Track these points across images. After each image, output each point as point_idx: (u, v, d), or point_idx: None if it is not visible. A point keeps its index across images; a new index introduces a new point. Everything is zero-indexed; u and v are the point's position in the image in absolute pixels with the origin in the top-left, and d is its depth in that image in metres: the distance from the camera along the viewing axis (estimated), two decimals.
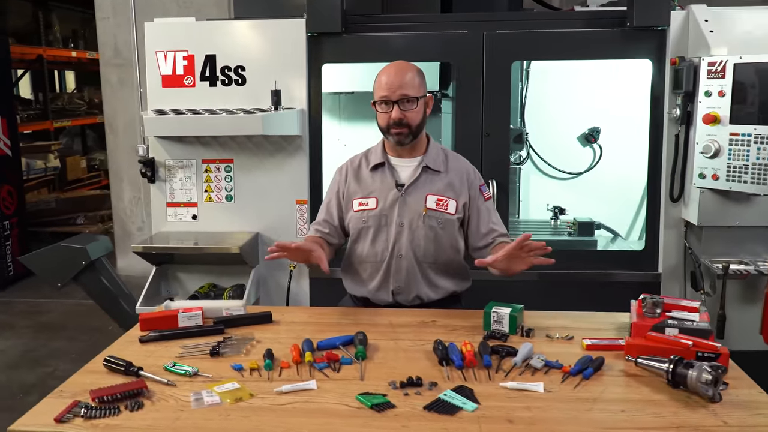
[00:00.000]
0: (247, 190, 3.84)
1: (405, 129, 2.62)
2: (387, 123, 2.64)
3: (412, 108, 2.61)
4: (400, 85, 2.59)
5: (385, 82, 2.62)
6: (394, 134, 2.64)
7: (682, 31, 3.59)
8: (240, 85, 3.78)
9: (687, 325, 2.16)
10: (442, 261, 2.70)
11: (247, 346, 2.21)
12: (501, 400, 1.87)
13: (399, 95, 2.59)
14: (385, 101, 2.62)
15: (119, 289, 4.05)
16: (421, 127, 2.67)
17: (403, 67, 2.66)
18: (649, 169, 3.78)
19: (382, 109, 2.64)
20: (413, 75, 2.64)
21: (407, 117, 2.60)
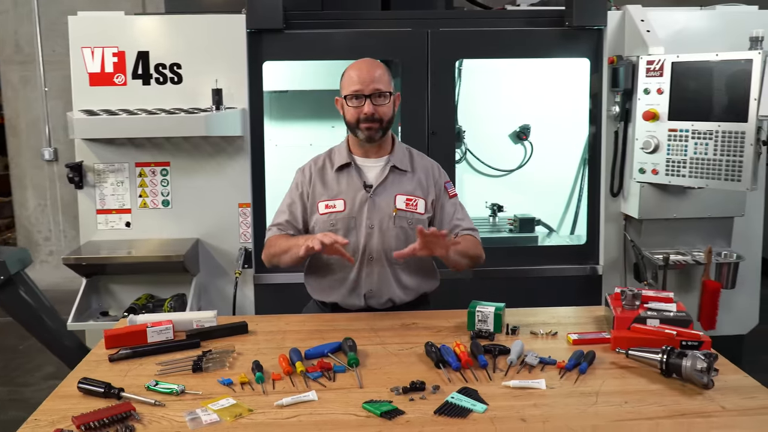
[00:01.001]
0: (186, 194, 3.66)
1: (376, 124, 2.56)
2: (357, 118, 2.56)
3: (384, 103, 2.55)
4: (373, 79, 2.53)
5: (357, 77, 2.55)
6: (365, 129, 2.57)
7: (618, 31, 3.70)
8: (176, 83, 3.60)
9: (666, 315, 2.20)
10: (412, 262, 2.65)
11: (230, 359, 2.08)
12: (507, 399, 1.84)
13: (372, 89, 2.52)
14: (357, 96, 2.54)
15: (41, 303, 3.75)
16: (391, 123, 2.62)
17: (374, 62, 2.60)
18: (589, 165, 3.88)
19: (353, 104, 2.56)
20: (383, 71, 2.58)
21: (379, 112, 2.54)
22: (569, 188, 4.63)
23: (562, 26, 3.74)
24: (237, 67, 3.61)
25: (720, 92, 3.30)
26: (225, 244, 3.71)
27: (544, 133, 4.57)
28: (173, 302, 3.52)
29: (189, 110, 3.47)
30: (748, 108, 3.18)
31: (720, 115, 3.29)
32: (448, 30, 3.73)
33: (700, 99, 3.38)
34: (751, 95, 3.17)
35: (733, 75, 3.23)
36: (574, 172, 4.59)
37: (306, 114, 4.75)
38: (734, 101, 3.24)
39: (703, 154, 3.35)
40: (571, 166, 4.59)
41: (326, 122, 4.87)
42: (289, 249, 2.55)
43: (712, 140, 3.32)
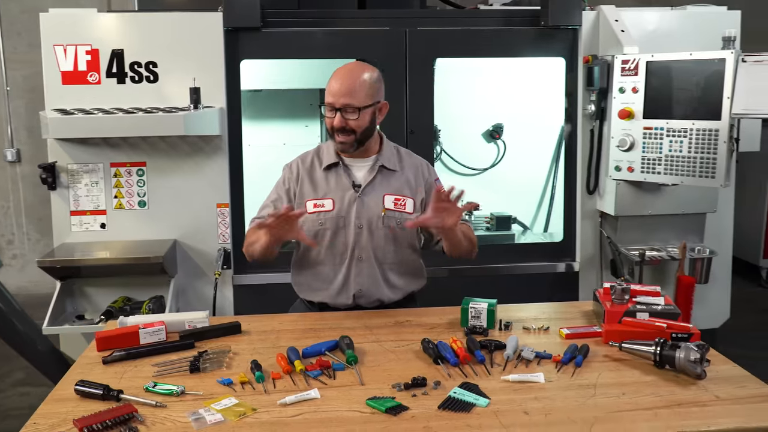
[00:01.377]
0: (163, 194, 3.61)
1: (349, 136, 2.52)
2: (331, 128, 2.55)
3: (353, 118, 2.50)
4: (346, 92, 2.47)
5: (333, 86, 2.50)
6: (338, 141, 2.54)
7: (592, 31, 3.76)
8: (152, 82, 3.54)
9: (655, 308, 2.24)
10: (401, 261, 2.65)
11: (226, 359, 2.05)
12: (508, 393, 1.86)
13: (342, 104, 2.48)
14: (331, 107, 2.52)
15: (11, 307, 3.66)
16: (366, 135, 2.57)
17: (355, 72, 2.53)
18: (566, 163, 3.93)
19: (328, 114, 2.54)
20: (364, 83, 2.50)
21: (350, 125, 2.51)
22: (542, 186, 4.68)
23: (538, 26, 3.78)
24: (214, 65, 3.57)
25: (694, 91, 3.38)
26: (203, 244, 3.66)
27: (517, 131, 4.61)
28: (151, 304, 3.47)
29: (167, 109, 3.42)
30: (721, 106, 3.26)
31: (694, 114, 3.37)
32: (426, 29, 3.74)
33: (674, 97, 3.45)
34: (724, 94, 3.25)
35: (707, 74, 3.31)
36: (546, 171, 4.64)
37: (279, 113, 4.72)
38: (708, 100, 3.32)
39: (678, 151, 3.42)
40: (543, 165, 4.64)
41: (300, 122, 4.85)
42: (258, 238, 2.52)
43: (686, 138, 3.39)
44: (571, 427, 1.69)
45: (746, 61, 3.24)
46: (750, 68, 3.24)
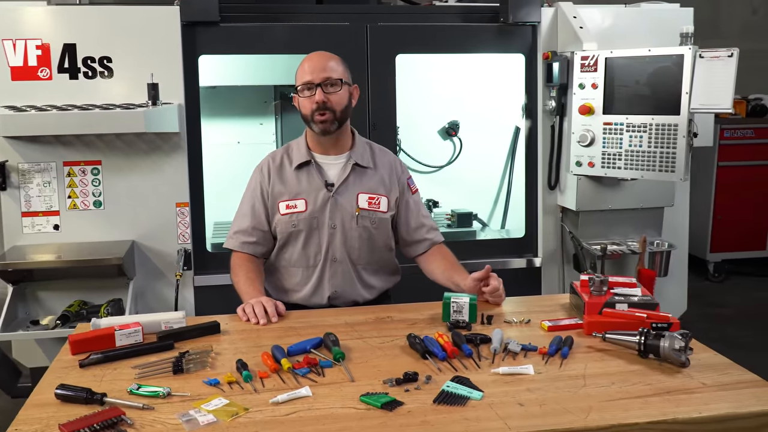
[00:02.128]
0: (119, 194, 3.49)
1: (329, 114, 2.49)
2: (311, 109, 2.50)
3: (336, 91, 2.48)
4: (323, 68, 2.48)
5: (308, 66, 2.50)
6: (318, 121, 2.50)
7: (551, 27, 3.80)
8: (106, 77, 3.42)
9: (633, 300, 2.27)
10: (376, 261, 2.62)
11: (209, 359, 1.98)
12: (500, 385, 1.84)
13: (322, 78, 2.47)
14: (308, 86, 2.48)
15: None
16: (345, 114, 2.55)
17: (326, 54, 2.55)
18: (526, 159, 3.96)
19: (305, 95, 2.50)
20: (337, 62, 2.54)
21: (331, 101, 2.48)
22: (497, 183, 4.72)
23: (497, 22, 3.80)
24: (171, 60, 3.47)
25: (652, 86, 3.45)
26: (162, 245, 3.55)
27: (473, 129, 4.62)
28: (109, 308, 3.35)
29: (124, 106, 3.30)
30: (680, 101, 3.34)
31: (653, 109, 3.44)
32: (387, 25, 3.72)
33: (633, 93, 3.52)
34: (683, 89, 3.33)
35: (665, 70, 3.38)
36: (501, 167, 4.67)
37: (233, 111, 4.63)
38: (666, 95, 3.39)
39: (638, 146, 3.49)
40: (499, 162, 4.67)
41: (254, 119, 4.77)
42: (240, 295, 2.52)
43: (646, 133, 3.46)
44: (567, 417, 1.68)
45: (703, 57, 3.32)
46: (707, 64, 3.33)
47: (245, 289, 2.49)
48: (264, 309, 2.32)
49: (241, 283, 2.54)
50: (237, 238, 2.61)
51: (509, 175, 4.59)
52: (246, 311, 2.34)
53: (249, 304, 2.35)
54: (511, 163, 4.57)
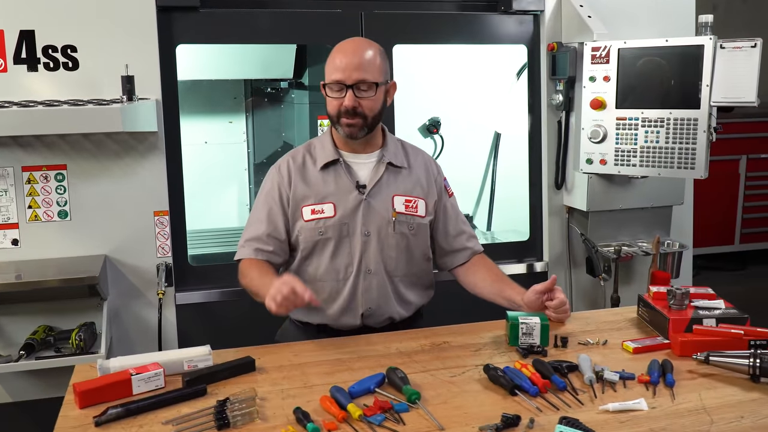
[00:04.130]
0: (88, 203, 3.05)
1: (359, 120, 2.18)
2: (337, 111, 2.17)
3: (369, 96, 2.17)
4: (358, 66, 2.14)
5: (339, 63, 2.15)
6: (345, 125, 2.18)
7: (555, 17, 3.56)
8: (70, 69, 2.98)
9: (719, 314, 2.04)
10: (413, 273, 2.32)
11: (255, 407, 1.63)
12: (618, 427, 1.58)
13: (355, 79, 2.14)
14: (338, 85, 2.15)
15: None
16: (377, 119, 2.24)
17: (363, 45, 2.22)
18: (530, 157, 3.72)
19: (334, 94, 2.17)
20: (374, 55, 2.20)
21: (363, 106, 2.16)
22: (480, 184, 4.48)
23: (499, 11, 3.54)
24: (146, 50, 3.04)
25: (670, 79, 3.25)
26: (139, 260, 3.13)
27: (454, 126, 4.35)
28: (82, 333, 2.91)
29: (95, 101, 2.87)
30: (699, 95, 3.15)
31: (670, 103, 3.24)
32: (383, 12, 3.40)
33: (649, 86, 3.31)
34: (703, 81, 3.14)
35: (684, 61, 3.19)
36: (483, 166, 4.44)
37: (200, 108, 4.23)
38: (685, 88, 3.20)
39: (655, 142, 3.29)
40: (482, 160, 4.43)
41: (222, 117, 4.38)
42: (257, 293, 2.13)
43: (663, 128, 3.26)
44: None
45: (724, 48, 3.14)
46: (728, 55, 3.15)
47: (261, 282, 2.12)
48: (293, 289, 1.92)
49: (255, 279, 2.18)
50: (250, 246, 2.27)
51: (492, 174, 4.36)
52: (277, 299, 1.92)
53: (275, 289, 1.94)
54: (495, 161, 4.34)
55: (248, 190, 4.44)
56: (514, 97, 4.11)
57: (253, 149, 4.36)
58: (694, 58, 3.16)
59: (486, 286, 2.34)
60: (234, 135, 4.39)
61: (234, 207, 4.45)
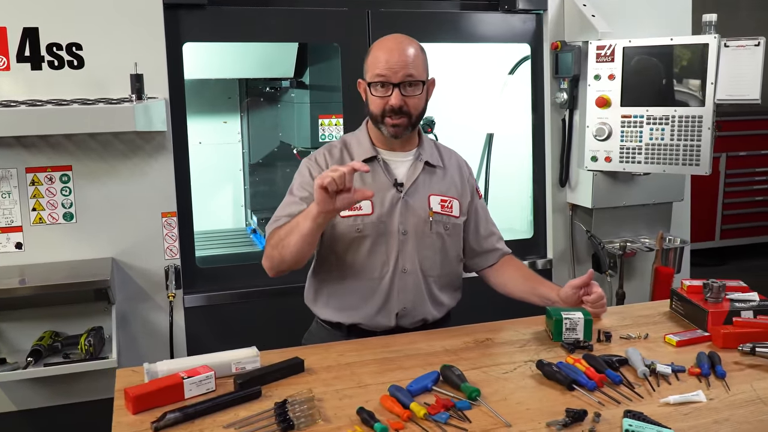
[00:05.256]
0: (94, 204, 2.96)
1: (404, 119, 2.15)
2: (382, 110, 2.14)
3: (415, 94, 2.15)
4: (405, 63, 2.12)
5: (385, 60, 2.12)
6: (390, 125, 2.15)
7: (558, 15, 3.58)
8: (76, 68, 2.89)
9: (756, 305, 2.07)
10: (446, 273, 2.30)
11: (315, 408, 1.60)
12: (681, 419, 1.58)
13: (402, 77, 2.11)
14: (383, 83, 2.12)
15: None
16: (420, 117, 2.23)
17: (406, 41, 2.19)
18: (534, 155, 3.73)
19: (379, 93, 2.14)
20: (418, 52, 2.18)
21: (409, 104, 2.14)
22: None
23: (502, 10, 3.55)
24: (153, 48, 2.98)
25: (675, 77, 3.30)
26: (146, 262, 3.05)
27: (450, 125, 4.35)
28: (91, 338, 2.83)
29: (104, 100, 2.80)
30: (704, 92, 3.21)
31: (675, 100, 3.29)
32: (390, 11, 3.38)
33: (654, 84, 3.36)
34: (708, 79, 3.20)
35: (688, 59, 3.24)
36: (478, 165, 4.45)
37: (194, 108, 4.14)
38: (690, 86, 3.25)
39: (660, 139, 3.33)
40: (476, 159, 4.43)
41: (217, 117, 4.32)
42: (296, 224, 2.02)
43: (668, 125, 3.30)
44: None
45: (728, 46, 3.20)
46: (732, 53, 3.21)
47: (298, 216, 2.04)
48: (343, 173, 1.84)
49: (290, 222, 2.08)
50: (284, 219, 2.16)
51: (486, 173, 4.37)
52: (326, 179, 1.83)
53: (324, 176, 1.84)
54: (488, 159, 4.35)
55: (243, 191, 4.38)
56: (508, 94, 4.14)
57: (248, 149, 4.30)
58: (699, 57, 3.21)
59: (518, 284, 2.33)
60: (229, 135, 4.33)
61: (229, 208, 4.38)
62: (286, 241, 2.05)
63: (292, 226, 2.04)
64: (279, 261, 2.10)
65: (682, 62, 3.28)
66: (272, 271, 2.15)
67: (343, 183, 1.84)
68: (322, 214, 1.91)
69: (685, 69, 3.27)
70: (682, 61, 3.27)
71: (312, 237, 2.00)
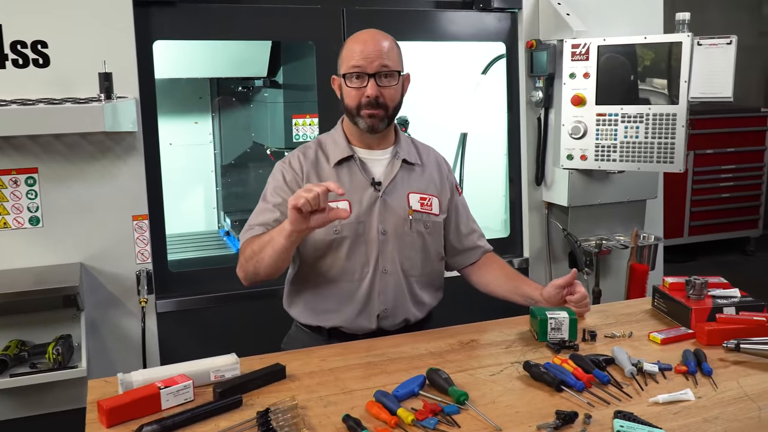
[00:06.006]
0: (62, 208, 2.87)
1: (380, 111, 2.12)
2: (358, 102, 2.11)
3: (391, 84, 2.12)
4: (380, 53, 2.09)
5: (360, 51, 2.09)
6: (366, 117, 2.11)
7: (533, 14, 3.57)
8: (41, 66, 2.80)
9: (738, 302, 2.07)
10: (427, 273, 2.26)
11: (299, 417, 1.54)
12: (670, 418, 1.56)
13: (377, 66, 2.08)
14: (359, 74, 2.09)
15: None
16: (397, 110, 2.19)
17: (380, 34, 2.16)
18: (509, 154, 3.72)
19: (354, 84, 2.10)
20: (392, 44, 2.16)
21: (385, 96, 2.11)
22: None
23: (477, 8, 3.53)
24: (121, 46, 2.89)
25: (649, 75, 3.31)
26: (117, 267, 2.96)
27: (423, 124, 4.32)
28: (59, 347, 2.74)
29: (72, 100, 2.71)
30: (678, 90, 3.22)
31: (650, 98, 3.30)
32: (365, 9, 3.34)
33: (628, 82, 3.36)
34: (682, 77, 3.21)
35: (662, 58, 3.25)
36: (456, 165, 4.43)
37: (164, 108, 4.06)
38: (664, 84, 3.26)
39: (634, 137, 3.34)
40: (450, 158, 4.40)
41: (187, 118, 4.23)
42: (270, 240, 2.00)
43: (642, 123, 3.31)
44: None
45: (701, 45, 3.23)
46: (705, 51, 3.24)
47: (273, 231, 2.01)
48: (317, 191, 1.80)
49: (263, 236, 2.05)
50: (259, 229, 2.12)
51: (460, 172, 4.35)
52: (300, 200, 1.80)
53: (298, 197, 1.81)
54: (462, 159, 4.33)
55: (215, 193, 4.30)
56: (482, 93, 4.12)
57: (220, 150, 4.22)
58: (672, 55, 3.22)
59: (500, 284, 2.31)
60: (200, 136, 4.24)
61: (201, 210, 4.30)
62: (260, 256, 2.02)
63: (266, 241, 2.01)
64: (253, 273, 2.08)
65: (656, 60, 3.28)
66: (246, 282, 2.13)
67: (317, 204, 1.80)
68: (296, 233, 1.88)
69: (660, 67, 3.28)
70: (656, 59, 3.28)
71: (286, 253, 1.98)
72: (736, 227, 6.64)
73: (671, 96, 3.24)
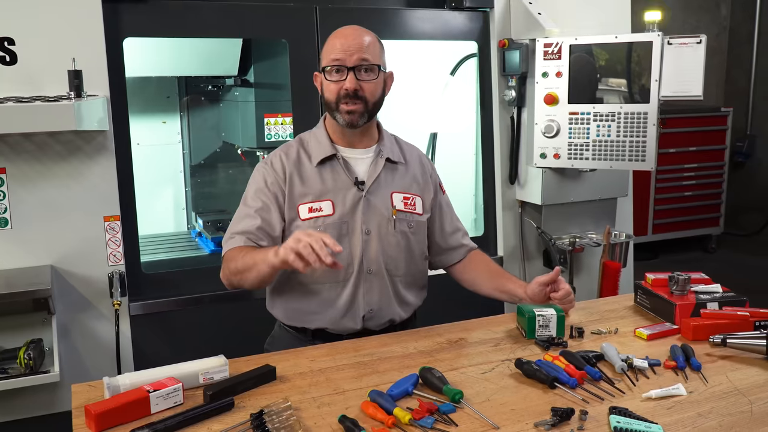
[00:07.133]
0: (31, 209, 2.79)
1: (360, 105, 2.09)
2: (337, 96, 2.09)
3: (371, 78, 2.10)
4: (360, 47, 2.08)
5: (340, 44, 2.08)
6: (345, 111, 2.09)
7: (504, 13, 3.59)
8: (8, 64, 2.72)
9: (720, 297, 2.10)
10: (412, 273, 2.24)
11: (294, 418, 1.52)
12: (664, 413, 1.58)
13: (357, 60, 2.07)
14: (338, 67, 2.07)
15: None
16: (378, 106, 2.17)
17: (361, 30, 2.15)
18: (483, 153, 3.73)
19: (334, 78, 2.08)
20: (373, 40, 2.14)
21: (364, 89, 2.09)
22: None
23: (449, 7, 3.53)
24: (92, 44, 2.83)
25: (620, 74, 3.35)
26: (89, 269, 2.89)
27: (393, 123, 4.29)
28: (30, 351, 2.67)
29: (41, 98, 2.64)
30: (649, 89, 3.26)
31: (621, 97, 3.34)
32: (338, 7, 3.32)
33: (600, 81, 3.40)
34: (652, 76, 3.25)
35: (633, 57, 3.29)
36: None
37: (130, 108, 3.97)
38: (635, 83, 3.31)
39: (606, 136, 3.37)
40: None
41: (155, 117, 4.15)
42: (254, 264, 1.99)
43: (614, 122, 3.35)
44: None
45: (672, 44, 3.28)
46: (676, 51, 3.29)
47: (259, 253, 1.99)
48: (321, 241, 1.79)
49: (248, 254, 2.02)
50: (240, 238, 2.09)
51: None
52: (299, 248, 1.78)
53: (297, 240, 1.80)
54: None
55: (185, 193, 4.22)
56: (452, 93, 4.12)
57: (189, 150, 4.15)
58: (643, 54, 3.27)
59: (485, 282, 2.31)
60: (168, 136, 4.16)
61: (170, 211, 4.22)
62: (244, 276, 2.03)
63: (250, 264, 2.00)
64: (238, 286, 2.10)
65: (627, 60, 3.32)
66: (228, 286, 2.13)
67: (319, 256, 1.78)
68: (285, 267, 1.89)
69: (631, 66, 3.32)
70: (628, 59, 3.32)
71: (271, 278, 2.03)
72: (698, 225, 6.78)
73: (642, 95, 3.29)
